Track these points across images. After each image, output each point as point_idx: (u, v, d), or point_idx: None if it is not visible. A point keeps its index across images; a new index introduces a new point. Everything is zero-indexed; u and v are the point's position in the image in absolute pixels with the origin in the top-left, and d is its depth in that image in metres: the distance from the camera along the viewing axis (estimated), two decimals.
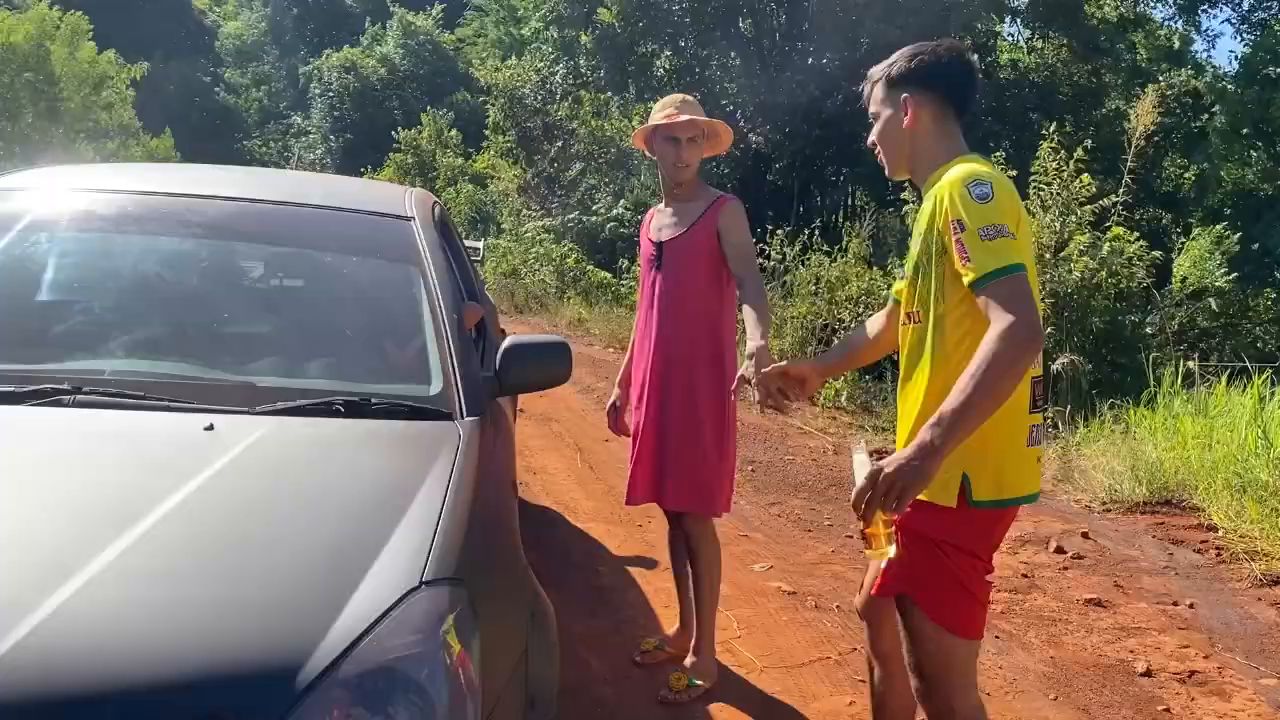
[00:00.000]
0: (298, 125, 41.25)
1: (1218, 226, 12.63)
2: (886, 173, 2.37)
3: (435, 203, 3.41)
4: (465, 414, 2.28)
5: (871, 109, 2.30)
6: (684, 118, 3.25)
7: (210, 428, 2.01)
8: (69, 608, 1.44)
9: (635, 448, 3.41)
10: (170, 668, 1.39)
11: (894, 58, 2.27)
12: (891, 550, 2.01)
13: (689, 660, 3.43)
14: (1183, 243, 12.85)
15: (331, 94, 37.57)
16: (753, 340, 2.98)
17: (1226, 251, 11.66)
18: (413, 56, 37.95)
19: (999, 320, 1.90)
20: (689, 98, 3.43)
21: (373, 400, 2.25)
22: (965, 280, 1.99)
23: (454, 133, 30.71)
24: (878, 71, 2.29)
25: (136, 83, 26.14)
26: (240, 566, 1.62)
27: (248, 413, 2.13)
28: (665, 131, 3.27)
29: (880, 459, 1.97)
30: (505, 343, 2.54)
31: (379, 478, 2.02)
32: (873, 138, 2.32)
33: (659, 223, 3.41)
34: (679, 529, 3.47)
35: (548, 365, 2.55)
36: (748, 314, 3.13)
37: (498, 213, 24.37)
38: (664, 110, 3.33)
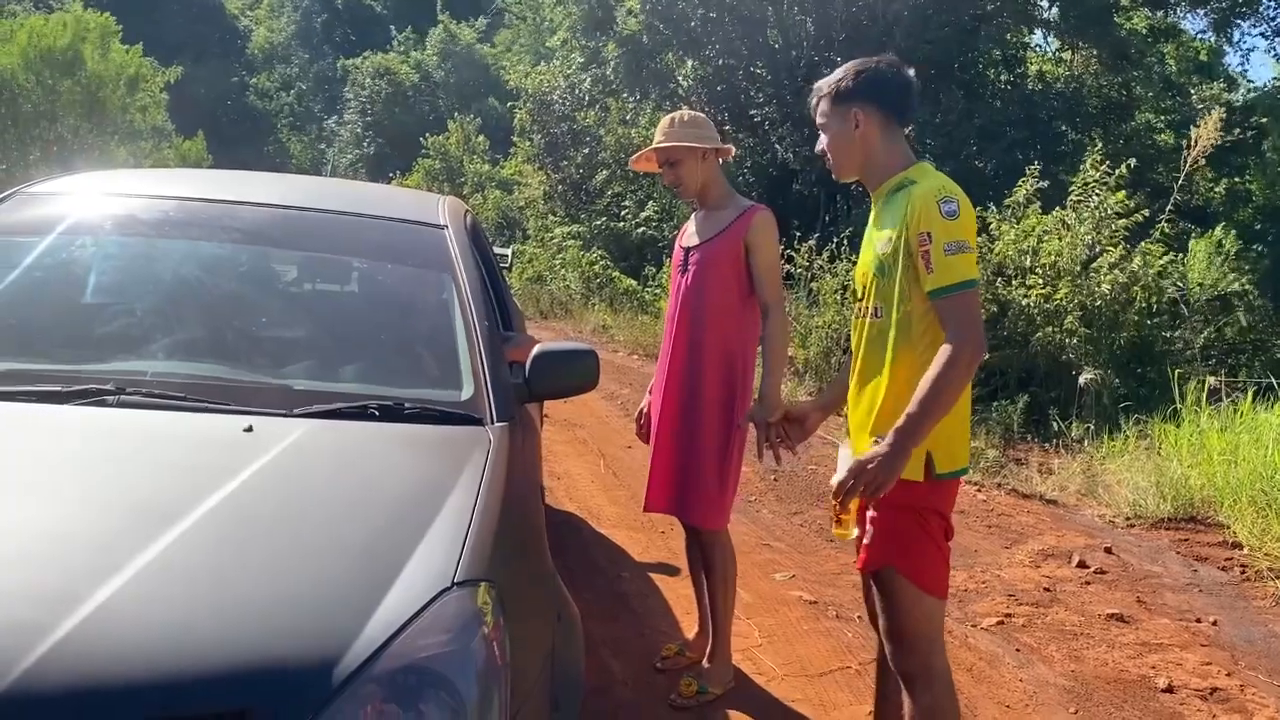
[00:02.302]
0: (330, 130, 41.59)
1: (1217, 229, 12.39)
2: (834, 176, 2.59)
3: (467, 211, 3.47)
4: (495, 419, 2.33)
5: (819, 120, 2.52)
6: (650, 149, 3.39)
7: (250, 429, 2.07)
8: (114, 602, 1.49)
9: (653, 453, 3.47)
10: (211, 661, 1.44)
11: (839, 73, 2.47)
12: (855, 531, 2.38)
13: (704, 664, 3.47)
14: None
15: (364, 98, 37.84)
16: (764, 383, 3.08)
17: (1227, 256, 11.44)
18: (446, 63, 38.18)
19: (953, 335, 2.22)
20: (682, 114, 3.42)
21: (406, 405, 2.30)
22: (925, 287, 2.26)
23: (481, 138, 30.88)
24: (825, 86, 2.49)
25: (169, 85, 26.41)
26: (278, 565, 1.67)
27: (285, 415, 2.18)
28: (657, 158, 3.41)
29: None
30: (534, 350, 2.58)
31: (412, 480, 2.06)
32: (821, 146, 2.54)
33: (691, 228, 3.46)
34: (695, 538, 3.51)
35: (576, 373, 2.61)
36: (765, 352, 3.21)
37: (524, 218, 24.47)
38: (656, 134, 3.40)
